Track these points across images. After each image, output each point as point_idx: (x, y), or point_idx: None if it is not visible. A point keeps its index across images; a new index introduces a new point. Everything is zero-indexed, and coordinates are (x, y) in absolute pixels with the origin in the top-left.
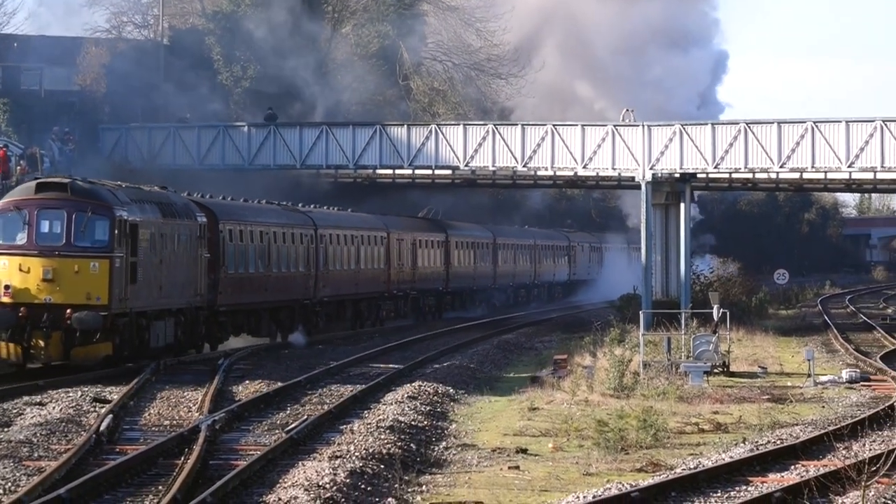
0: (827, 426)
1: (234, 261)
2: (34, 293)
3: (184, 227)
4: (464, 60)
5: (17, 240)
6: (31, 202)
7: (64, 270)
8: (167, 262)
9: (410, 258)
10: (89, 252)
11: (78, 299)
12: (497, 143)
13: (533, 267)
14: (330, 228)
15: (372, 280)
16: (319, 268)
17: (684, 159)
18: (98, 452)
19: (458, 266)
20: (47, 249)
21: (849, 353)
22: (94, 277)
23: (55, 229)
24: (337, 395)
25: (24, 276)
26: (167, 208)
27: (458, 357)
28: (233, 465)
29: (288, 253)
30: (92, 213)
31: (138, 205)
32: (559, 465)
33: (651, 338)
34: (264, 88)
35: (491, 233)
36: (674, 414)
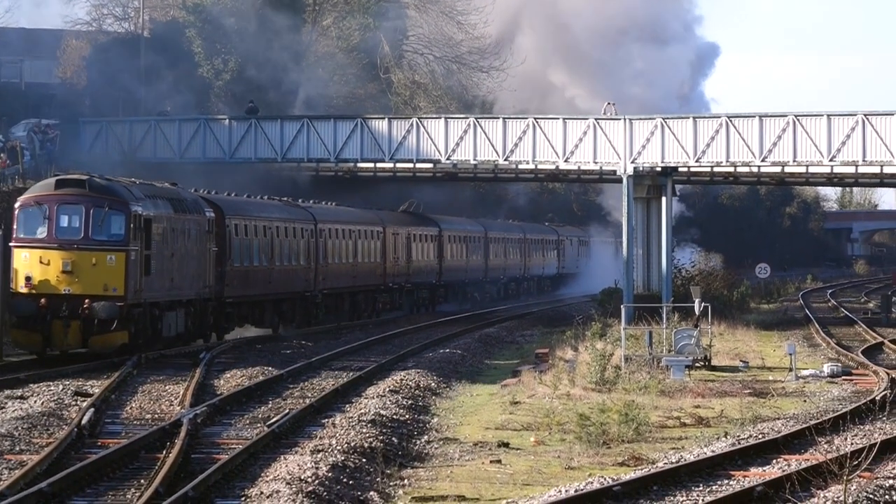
0: (809, 420)
1: (240, 254)
2: (54, 284)
3: (193, 221)
4: (445, 53)
5: (38, 233)
6: (50, 198)
7: (82, 263)
8: (178, 255)
9: (405, 252)
10: (106, 245)
11: (95, 290)
12: (478, 136)
13: (523, 260)
14: (329, 223)
15: (369, 273)
16: (319, 261)
17: (666, 153)
18: (80, 446)
19: (451, 260)
20: (66, 243)
21: (830, 348)
22: (111, 269)
23: (74, 223)
24: (318, 388)
25: (45, 268)
26: (178, 204)
27: (440, 351)
28: (215, 458)
29: (290, 247)
30: (109, 209)
31: (152, 200)
32: (541, 459)
33: (633, 332)
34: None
35: (482, 227)
36: (655, 408)
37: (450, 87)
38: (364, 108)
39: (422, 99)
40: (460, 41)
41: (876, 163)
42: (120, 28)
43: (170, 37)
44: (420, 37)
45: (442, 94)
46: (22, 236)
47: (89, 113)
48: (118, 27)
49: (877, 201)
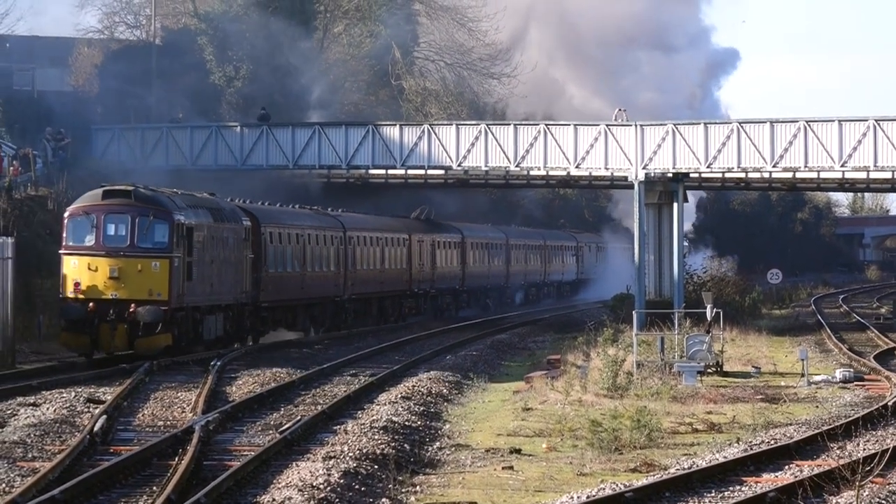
0: (821, 426)
1: (275, 261)
2: (101, 289)
3: (231, 230)
4: (456, 60)
5: (86, 241)
6: (98, 207)
7: (128, 269)
8: (217, 261)
9: (430, 259)
10: (151, 252)
11: (141, 295)
12: (490, 142)
13: (543, 266)
14: (357, 231)
15: (395, 279)
16: (348, 268)
17: (677, 159)
18: (92, 453)
19: (474, 266)
20: (113, 250)
21: (842, 353)
22: (156, 275)
23: (120, 232)
24: (330, 395)
25: (93, 275)
26: (217, 213)
27: (452, 357)
28: (227, 465)
29: (321, 254)
30: (153, 218)
31: (193, 210)
32: (553, 466)
33: (644, 337)
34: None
35: (504, 234)
36: (667, 414)
37: (461, 94)
38: (375, 114)
39: (433, 105)
40: (471, 48)
41: (888, 168)
42: (131, 36)
43: (181, 44)
44: (431, 43)
45: (453, 101)
46: (71, 244)
47: (101, 120)
48: (130, 35)
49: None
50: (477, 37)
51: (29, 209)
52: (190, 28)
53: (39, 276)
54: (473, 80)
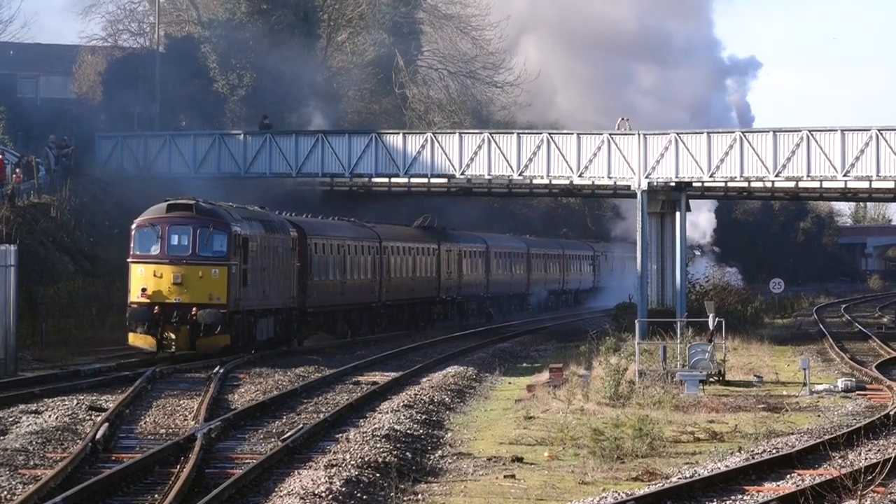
0: (823, 435)
1: (319, 269)
2: (166, 294)
3: (281, 240)
4: (459, 69)
5: (152, 251)
6: (162, 220)
7: (190, 276)
8: (269, 269)
9: (457, 267)
10: (211, 260)
11: (202, 299)
12: (493, 151)
13: (562, 275)
14: (392, 241)
15: (426, 286)
16: (383, 275)
17: (680, 168)
18: (94, 461)
19: (497, 274)
20: (177, 258)
21: (844, 363)
22: (215, 281)
23: (183, 242)
24: (332, 403)
25: (158, 281)
26: (268, 224)
27: (455, 365)
28: (229, 473)
29: (359, 263)
30: (213, 229)
31: (248, 222)
32: (555, 474)
33: (647, 346)
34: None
35: (525, 244)
36: (669, 423)
37: (464, 103)
38: (379, 123)
39: (436, 114)
40: (475, 57)
41: (890, 178)
42: (135, 43)
43: (185, 52)
44: (435, 52)
45: (456, 110)
46: (138, 253)
47: (104, 128)
48: (133, 42)
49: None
50: (480, 45)
51: (32, 217)
52: (193, 36)
53: (42, 284)
54: (476, 89)
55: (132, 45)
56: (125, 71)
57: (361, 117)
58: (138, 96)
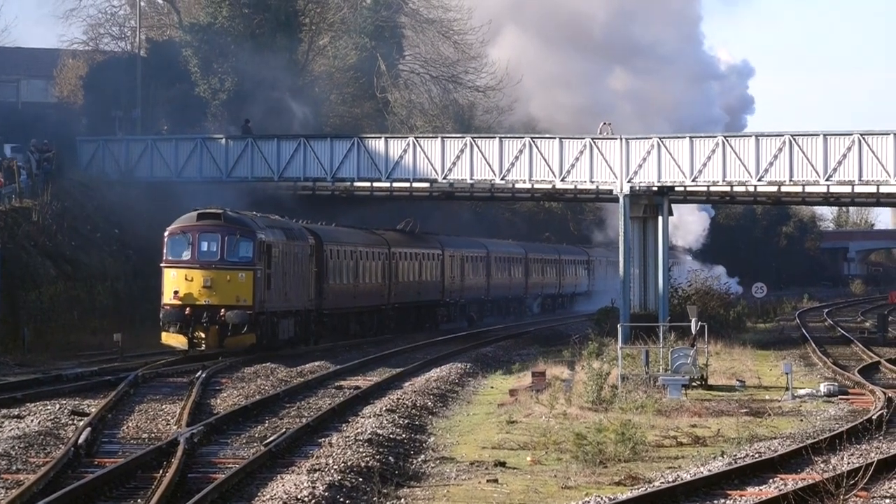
0: (805, 440)
1: (334, 274)
2: (196, 297)
3: (300, 247)
4: (441, 73)
5: (183, 256)
6: (193, 228)
7: (219, 279)
8: (289, 274)
9: (460, 272)
10: (238, 265)
11: (229, 301)
12: (475, 155)
13: (558, 279)
14: (399, 247)
15: (431, 289)
16: (392, 279)
17: (662, 172)
18: (76, 465)
19: (497, 278)
20: (206, 263)
21: (827, 367)
22: (242, 285)
23: (212, 248)
24: (315, 408)
25: (189, 284)
26: (289, 232)
27: (437, 370)
28: (211, 478)
29: (370, 268)
30: (240, 236)
31: (271, 230)
32: (538, 479)
33: (629, 351)
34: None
35: (523, 249)
36: (652, 427)
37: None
38: (360, 127)
39: (418, 118)
40: (456, 61)
41: (872, 182)
42: (116, 47)
43: (166, 56)
44: (416, 56)
45: (438, 114)
46: (170, 258)
47: (86, 132)
48: (115, 46)
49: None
50: (462, 49)
51: (13, 221)
52: (175, 40)
53: (23, 288)
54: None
55: (113, 49)
56: (106, 75)
57: (343, 121)
58: (120, 100)
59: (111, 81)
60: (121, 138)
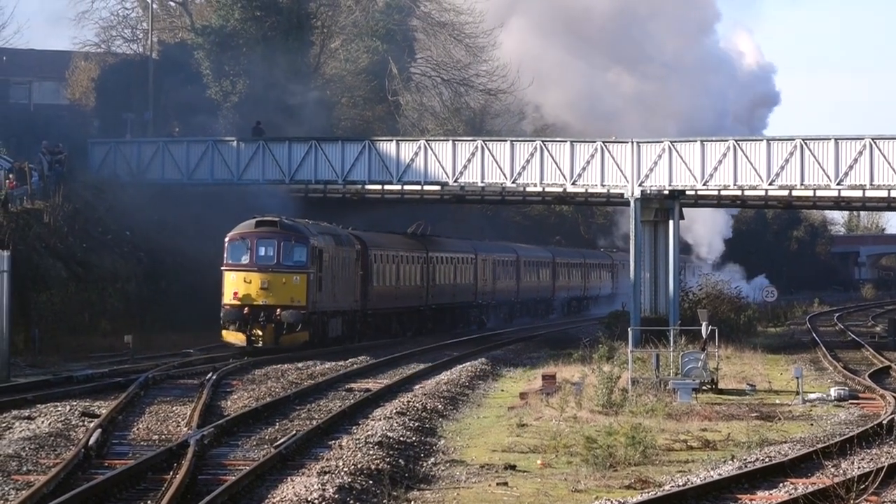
0: (815, 444)
1: (378, 277)
2: (254, 297)
3: (347, 252)
4: (453, 76)
5: (242, 260)
6: (251, 234)
7: (275, 281)
8: (338, 277)
9: (492, 275)
10: (293, 269)
11: (285, 301)
12: (486, 158)
13: (584, 282)
14: (436, 252)
15: (465, 291)
16: (429, 282)
17: (673, 176)
18: (87, 467)
19: (526, 281)
20: (263, 267)
21: (837, 371)
22: (296, 286)
23: (269, 253)
24: (325, 410)
25: (247, 286)
26: (338, 238)
27: (447, 373)
28: (221, 479)
29: (410, 271)
30: (294, 242)
31: (322, 236)
32: (548, 482)
33: (639, 354)
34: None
35: (551, 253)
36: (662, 431)
37: (457, 110)
38: (372, 130)
39: (430, 121)
40: (468, 64)
41: (884, 186)
42: (128, 50)
43: (178, 59)
44: (428, 59)
45: (450, 117)
46: (230, 262)
47: (97, 134)
48: (127, 49)
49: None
50: (474, 53)
51: (25, 223)
52: (187, 42)
53: (35, 290)
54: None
55: (125, 52)
56: (118, 77)
57: (354, 124)
58: (131, 103)
59: (123, 84)
60: (132, 140)
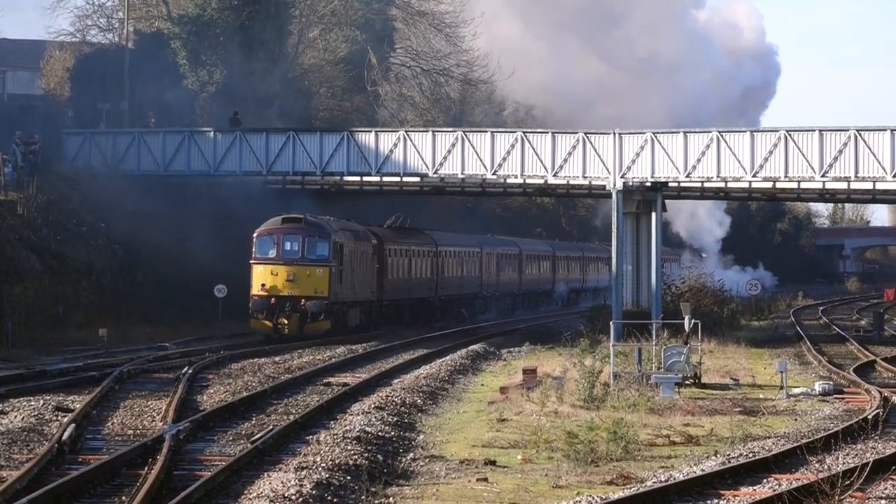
0: (800, 439)
1: (392, 270)
2: (280, 288)
3: (365, 247)
4: (433, 66)
5: (269, 254)
6: (278, 230)
7: (300, 274)
8: (356, 270)
9: (496, 268)
10: (316, 262)
11: (309, 293)
12: (466, 150)
13: (582, 274)
14: (445, 246)
15: (471, 284)
16: (438, 275)
17: (656, 168)
18: (60, 462)
19: (528, 274)
20: (289, 260)
21: (822, 366)
22: (319, 279)
23: (294, 247)
24: (303, 405)
25: (274, 278)
26: (356, 234)
27: (426, 367)
28: (197, 475)
29: (421, 265)
30: (318, 237)
31: (343, 232)
32: (528, 478)
33: (622, 348)
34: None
35: (551, 247)
36: (644, 426)
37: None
38: (350, 121)
39: (409, 112)
40: (448, 54)
41: (868, 178)
42: (104, 39)
43: (154, 48)
44: (408, 49)
45: (429, 108)
46: (258, 256)
47: (72, 125)
48: (102, 38)
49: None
50: (454, 42)
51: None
52: (163, 32)
53: (8, 283)
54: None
55: (101, 41)
56: (93, 67)
57: (333, 115)
58: (107, 93)
59: (98, 74)
60: (107, 131)
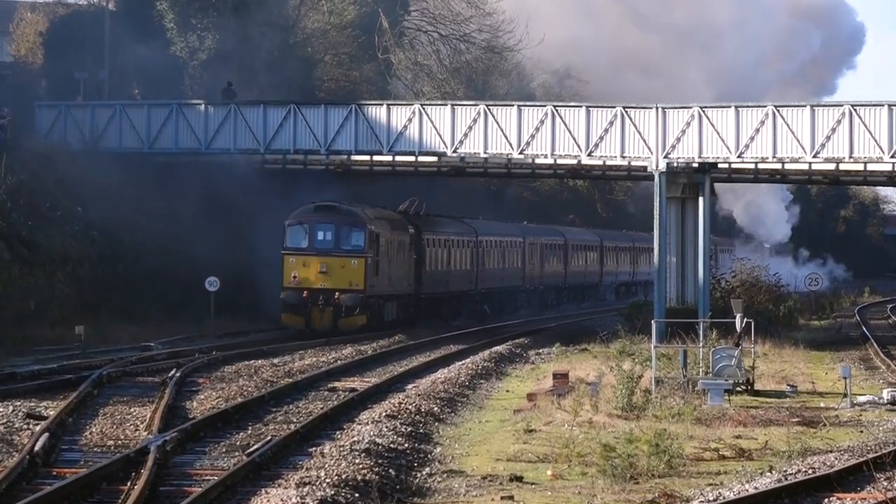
0: (866, 454)
1: (431, 261)
2: (313, 281)
3: (402, 236)
4: (452, 31)
5: (302, 244)
6: (310, 219)
7: (333, 266)
8: (393, 261)
9: (539, 259)
10: (351, 253)
11: (343, 285)
12: (489, 125)
13: (632, 266)
14: (485, 236)
15: (513, 276)
16: (479, 266)
17: (704, 147)
18: (32, 476)
19: (574, 266)
20: (322, 251)
21: (890, 371)
22: (354, 271)
23: (327, 237)
24: (305, 412)
25: (306, 270)
26: (393, 223)
27: (445, 370)
28: (186, 491)
29: (461, 256)
30: (352, 226)
31: (378, 221)
32: (559, 496)
33: (664, 351)
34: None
35: (598, 237)
36: (690, 438)
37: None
38: (359, 93)
39: (425, 83)
40: (469, 17)
41: None
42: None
43: (138, 10)
44: (424, 12)
45: (448, 78)
46: (290, 246)
47: (46, 96)
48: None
49: None
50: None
51: None
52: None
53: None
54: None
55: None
56: (70, 31)
57: (339, 86)
58: (84, 60)
59: (75, 39)
60: (85, 104)
